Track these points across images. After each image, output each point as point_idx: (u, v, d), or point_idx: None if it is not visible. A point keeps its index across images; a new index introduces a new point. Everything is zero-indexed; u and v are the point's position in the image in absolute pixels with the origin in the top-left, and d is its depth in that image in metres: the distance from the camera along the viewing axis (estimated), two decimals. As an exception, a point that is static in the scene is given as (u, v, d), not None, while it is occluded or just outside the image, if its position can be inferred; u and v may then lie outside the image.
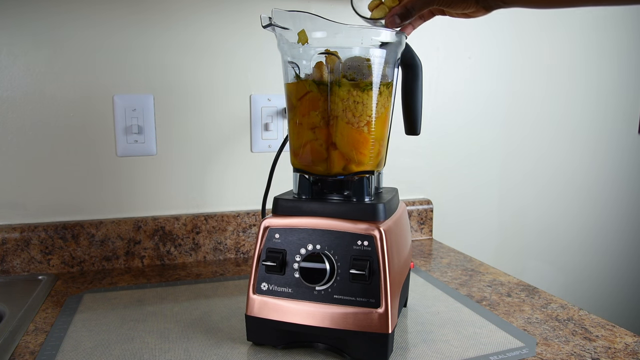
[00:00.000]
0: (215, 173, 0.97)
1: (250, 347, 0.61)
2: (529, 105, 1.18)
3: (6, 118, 0.85)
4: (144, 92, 0.91)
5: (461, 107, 1.12)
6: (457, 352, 0.59)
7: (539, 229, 1.24)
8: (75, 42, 0.87)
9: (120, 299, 0.76)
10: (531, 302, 0.75)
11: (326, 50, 0.58)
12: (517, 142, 1.19)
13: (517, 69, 1.15)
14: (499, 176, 1.18)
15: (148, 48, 0.90)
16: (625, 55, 1.25)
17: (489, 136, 1.16)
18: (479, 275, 0.87)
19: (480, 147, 1.15)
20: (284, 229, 0.58)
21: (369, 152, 0.60)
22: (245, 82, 0.96)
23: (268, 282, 0.58)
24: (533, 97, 1.18)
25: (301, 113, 0.60)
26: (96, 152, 0.90)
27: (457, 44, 1.09)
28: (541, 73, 1.18)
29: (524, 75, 1.16)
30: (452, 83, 1.11)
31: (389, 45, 0.60)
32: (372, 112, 0.59)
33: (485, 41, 1.11)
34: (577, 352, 0.60)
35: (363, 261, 0.55)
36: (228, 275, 0.87)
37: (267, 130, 0.98)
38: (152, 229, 0.93)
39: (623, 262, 1.35)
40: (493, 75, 1.14)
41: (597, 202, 1.30)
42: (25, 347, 0.61)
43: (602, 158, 1.28)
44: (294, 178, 0.63)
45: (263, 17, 0.56)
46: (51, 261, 0.88)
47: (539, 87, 1.18)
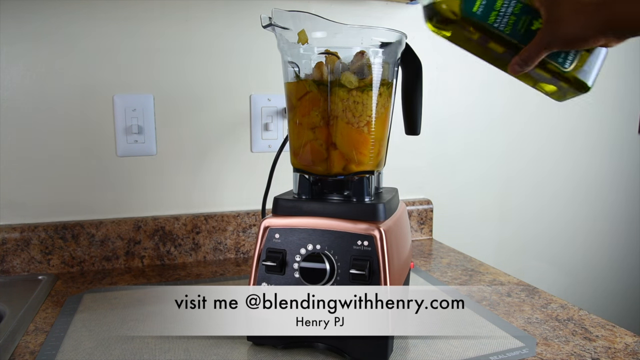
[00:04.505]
0: (215, 173, 0.97)
1: (250, 347, 0.61)
2: (529, 105, 1.18)
3: (6, 118, 0.85)
4: (144, 92, 0.91)
5: (461, 107, 1.12)
6: (457, 352, 0.59)
7: (539, 229, 1.24)
8: (76, 42, 0.87)
9: (120, 299, 0.76)
10: (531, 302, 0.75)
11: (326, 50, 0.58)
12: (517, 142, 1.19)
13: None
14: (499, 176, 1.18)
15: (148, 48, 0.90)
16: (625, 55, 1.25)
17: (490, 136, 1.16)
18: (479, 275, 0.87)
19: (481, 147, 1.15)
20: (284, 229, 0.58)
21: (369, 152, 0.60)
22: (245, 82, 0.96)
23: (268, 282, 0.58)
24: (533, 97, 1.18)
25: (301, 113, 0.60)
26: (96, 152, 0.90)
27: (457, 44, 1.09)
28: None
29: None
30: (452, 83, 1.11)
31: (389, 45, 0.60)
32: (372, 112, 0.59)
33: (485, 41, 1.11)
34: (577, 352, 0.60)
35: (363, 261, 0.55)
36: (228, 275, 0.87)
37: (267, 130, 0.98)
38: (152, 229, 0.93)
39: (623, 262, 1.35)
40: (493, 76, 1.13)
41: (597, 201, 1.30)
42: (25, 347, 0.61)
43: (602, 157, 1.28)
44: (294, 178, 0.63)
45: (263, 17, 0.56)
46: (51, 261, 0.88)
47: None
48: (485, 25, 0.54)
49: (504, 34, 0.54)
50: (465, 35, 0.56)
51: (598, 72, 0.56)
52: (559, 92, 0.58)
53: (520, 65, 0.54)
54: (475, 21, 0.54)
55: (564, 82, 0.56)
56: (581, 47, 0.52)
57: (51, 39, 0.86)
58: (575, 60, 0.54)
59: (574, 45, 0.52)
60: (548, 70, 0.55)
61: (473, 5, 0.54)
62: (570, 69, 0.55)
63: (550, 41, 0.51)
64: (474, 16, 0.54)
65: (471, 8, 0.54)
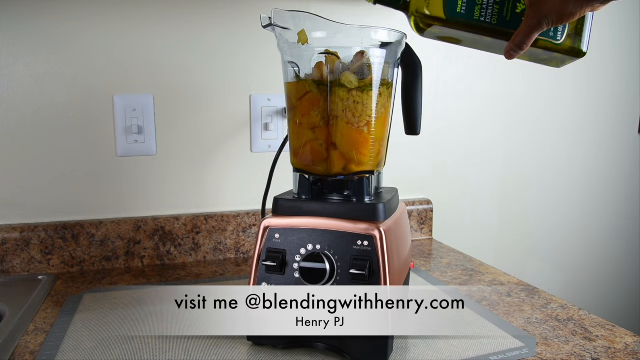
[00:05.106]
0: (215, 173, 0.97)
1: (250, 347, 0.61)
2: (529, 105, 1.18)
3: (6, 118, 0.85)
4: (144, 92, 0.91)
5: (461, 107, 1.12)
6: (457, 352, 0.59)
7: (538, 229, 1.24)
8: (75, 42, 0.87)
9: (120, 299, 0.76)
10: (531, 302, 0.75)
11: (326, 50, 0.58)
12: (517, 142, 1.19)
13: (518, 69, 1.14)
14: (499, 176, 1.18)
15: (148, 48, 0.90)
16: (626, 55, 1.25)
17: (490, 136, 1.16)
18: (479, 275, 0.87)
19: (481, 147, 1.15)
20: (284, 229, 0.58)
21: (369, 152, 0.60)
22: (245, 82, 0.96)
23: (268, 282, 0.58)
24: (533, 97, 1.18)
25: (301, 113, 0.60)
26: (96, 152, 0.90)
27: (457, 44, 1.09)
28: (542, 73, 1.18)
29: (525, 75, 1.16)
30: (452, 83, 1.11)
31: (389, 45, 0.60)
32: (372, 112, 0.59)
33: (485, 41, 1.11)
34: (577, 352, 0.60)
35: (363, 261, 0.55)
36: (228, 275, 0.87)
37: (267, 130, 0.98)
38: (152, 229, 0.93)
39: (623, 262, 1.35)
40: (493, 76, 1.14)
41: (597, 201, 1.30)
42: (25, 347, 0.61)
43: (602, 158, 1.28)
44: (294, 178, 0.63)
45: (263, 17, 0.56)
46: (51, 261, 0.88)
47: (539, 87, 1.18)
48: (472, 22, 0.55)
49: (492, 26, 0.55)
50: (455, 34, 0.57)
51: (590, 35, 0.57)
52: (556, 62, 0.59)
53: (515, 50, 0.54)
54: (462, 21, 0.55)
55: (559, 53, 0.57)
56: (570, 20, 0.52)
57: (51, 38, 0.86)
58: (565, 31, 0.55)
59: (563, 20, 0.51)
60: (542, 46, 0.56)
61: (456, 6, 0.54)
62: (562, 40, 0.56)
63: (538, 22, 0.51)
64: (459, 16, 0.54)
65: (455, 9, 0.54)
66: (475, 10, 0.54)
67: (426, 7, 0.55)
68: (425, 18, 0.55)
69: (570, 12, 0.51)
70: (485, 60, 1.12)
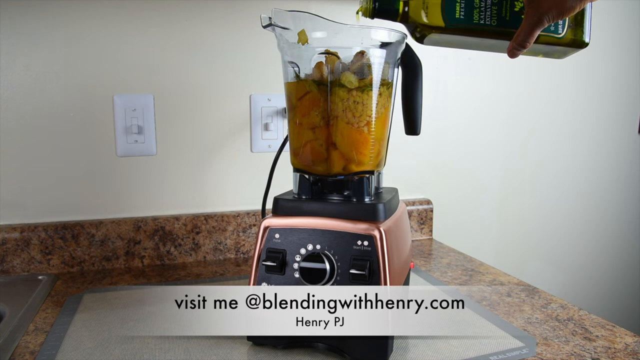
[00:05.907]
0: (215, 173, 0.97)
1: (250, 347, 0.61)
2: (529, 105, 1.18)
3: (6, 118, 0.85)
4: (144, 92, 0.91)
5: (461, 107, 1.12)
6: (457, 352, 0.59)
7: (538, 229, 1.24)
8: (75, 42, 0.87)
9: (120, 299, 0.76)
10: (531, 302, 0.75)
11: (326, 50, 0.58)
12: (517, 142, 1.19)
13: (517, 69, 1.14)
14: (499, 176, 1.18)
15: (148, 48, 0.90)
16: (626, 55, 1.25)
17: (489, 136, 1.16)
18: (479, 275, 0.87)
19: (481, 147, 1.15)
20: (284, 229, 0.58)
21: (369, 152, 0.60)
22: (245, 82, 0.96)
23: (268, 282, 0.58)
24: (533, 97, 1.18)
25: (301, 113, 0.60)
26: (96, 152, 0.90)
27: (457, 44, 1.09)
28: (541, 73, 1.18)
29: (524, 76, 1.16)
30: (452, 83, 1.11)
31: (389, 45, 0.60)
32: (372, 112, 0.59)
33: (485, 41, 1.11)
34: (577, 352, 0.60)
35: (363, 261, 0.55)
36: (228, 275, 0.87)
37: (267, 130, 0.98)
38: (152, 229, 0.93)
39: (623, 263, 1.35)
40: (493, 76, 1.14)
41: (597, 201, 1.30)
42: (25, 347, 0.61)
43: (602, 158, 1.28)
44: (294, 178, 0.63)
45: (263, 17, 0.56)
46: (51, 261, 0.88)
47: (539, 88, 1.18)
48: (472, 26, 0.55)
49: (492, 27, 0.55)
50: (456, 39, 0.57)
51: (590, 24, 0.57)
52: (559, 54, 0.60)
53: (517, 49, 0.54)
54: (462, 26, 0.55)
55: (562, 46, 0.57)
56: (570, 14, 0.52)
57: (51, 38, 0.86)
58: (566, 24, 0.56)
59: (563, 15, 0.51)
60: (544, 42, 0.56)
61: (454, 12, 0.54)
62: (564, 34, 0.56)
63: (539, 19, 0.51)
64: (459, 22, 0.54)
65: (453, 15, 0.54)
66: (473, 13, 0.54)
67: (425, 16, 0.55)
68: (425, 27, 0.55)
69: (570, 6, 0.51)
70: (485, 61, 1.12)
